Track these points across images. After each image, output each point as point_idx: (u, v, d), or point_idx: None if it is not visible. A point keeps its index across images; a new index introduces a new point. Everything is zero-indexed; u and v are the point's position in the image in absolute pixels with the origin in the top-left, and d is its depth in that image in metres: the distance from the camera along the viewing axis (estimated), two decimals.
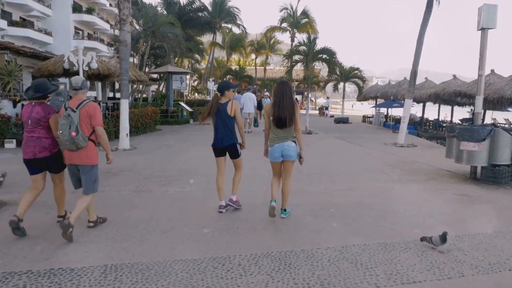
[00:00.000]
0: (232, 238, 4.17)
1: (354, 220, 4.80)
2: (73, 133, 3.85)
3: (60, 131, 3.89)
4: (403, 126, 12.92)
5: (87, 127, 4.02)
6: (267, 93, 19.15)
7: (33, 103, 4.22)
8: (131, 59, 27.95)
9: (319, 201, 5.64)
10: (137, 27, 20.37)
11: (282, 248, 3.89)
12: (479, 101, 7.42)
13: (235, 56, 55.59)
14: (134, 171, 7.73)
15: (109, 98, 22.46)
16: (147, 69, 23.55)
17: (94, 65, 12.62)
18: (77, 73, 12.63)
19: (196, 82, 60.30)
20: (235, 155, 5.08)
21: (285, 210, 4.88)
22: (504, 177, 6.82)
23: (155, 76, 30.38)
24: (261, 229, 4.45)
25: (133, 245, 3.92)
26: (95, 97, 18.84)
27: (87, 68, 12.46)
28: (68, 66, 12.69)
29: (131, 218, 4.76)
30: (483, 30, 7.15)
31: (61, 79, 15.51)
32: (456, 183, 6.96)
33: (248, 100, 15.55)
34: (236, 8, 38.35)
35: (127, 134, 10.90)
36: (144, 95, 33.46)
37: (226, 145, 5.00)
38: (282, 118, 4.58)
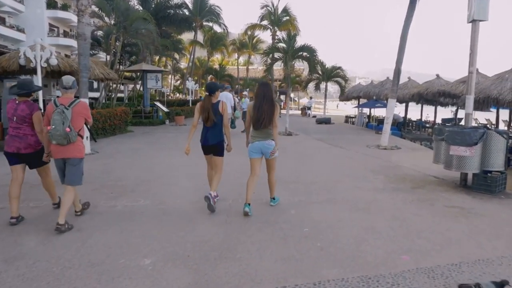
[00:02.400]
0: (177, 272, 3.31)
1: (331, 242, 4.01)
2: (67, 129, 4.10)
3: (53, 126, 4.09)
4: (387, 127, 12.28)
5: (78, 124, 4.28)
6: (245, 93, 18.28)
7: (16, 101, 4.44)
8: (103, 57, 26.70)
9: (292, 217, 4.84)
10: (108, 22, 19.23)
11: None
12: (470, 101, 6.76)
13: (218, 56, 54.72)
14: (85, 180, 6.75)
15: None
16: (121, 67, 22.39)
17: (54, 61, 11.55)
18: (34, 70, 11.57)
19: (178, 82, 59.14)
20: (219, 153, 5.16)
21: (273, 198, 5.19)
22: (498, 185, 6.16)
23: (133, 74, 29.22)
24: (217, 257, 3.61)
25: (46, 286, 3.03)
26: (58, 96, 17.62)
27: (45, 65, 11.39)
28: (25, 63, 11.59)
29: (57, 245, 3.85)
30: (474, 22, 6.48)
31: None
32: (446, 191, 6.26)
33: (225, 99, 14.67)
34: (218, 6, 37.49)
35: (87, 137, 9.89)
36: (121, 95, 32.24)
37: (213, 143, 5.09)
38: (260, 121, 4.77)
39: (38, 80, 11.22)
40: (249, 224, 4.53)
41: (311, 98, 36.44)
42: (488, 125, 29.21)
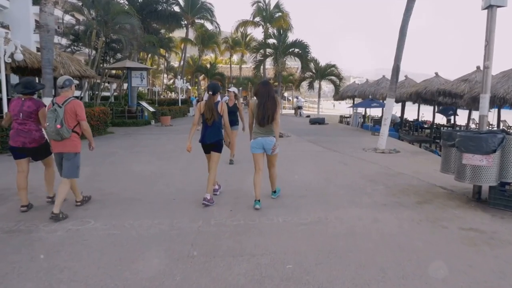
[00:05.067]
0: None
1: (321, 287, 3.04)
2: (58, 126, 4.38)
3: (47, 123, 4.43)
4: (384, 129, 11.34)
5: (72, 121, 4.53)
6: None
7: (22, 98, 4.76)
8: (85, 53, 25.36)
9: (273, 246, 3.85)
10: (89, 16, 18.10)
11: None
12: (485, 100, 5.82)
13: (212, 55, 53.82)
14: (35, 193, 5.75)
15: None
16: (105, 65, 21.29)
17: (19, 57, 10.52)
18: None
19: (171, 81, 58.20)
20: (218, 149, 5.34)
21: (274, 192, 5.47)
22: None
23: (121, 73, 28.05)
24: None
25: None
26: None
27: (9, 60, 10.36)
28: None
29: None
30: (491, 8, 5.54)
31: None
32: (458, 207, 5.31)
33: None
34: (210, 3, 36.51)
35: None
36: (107, 93, 31.05)
37: (212, 141, 5.26)
38: (265, 117, 4.99)
39: (1, 76, 10.18)
40: (218, 259, 3.54)
41: (297, 97, 35.08)
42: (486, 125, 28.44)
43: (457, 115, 20.01)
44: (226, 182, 6.45)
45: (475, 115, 20.53)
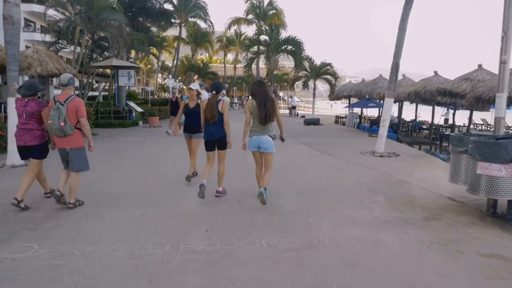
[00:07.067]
0: None
1: None
2: (62, 123, 4.60)
3: (50, 121, 4.64)
4: (383, 131, 10.61)
5: (74, 118, 4.72)
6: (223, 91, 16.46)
7: (26, 99, 5.00)
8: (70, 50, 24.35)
9: (251, 283, 3.08)
10: (72, 11, 17.25)
11: None
12: (502, 100, 5.09)
13: (206, 54, 53.18)
14: None
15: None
16: (91, 63, 20.43)
17: None
18: None
19: (166, 80, 57.45)
20: (223, 146, 5.49)
21: (265, 188, 5.13)
22: None
23: (109, 71, 27.11)
24: None
25: None
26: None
27: None
28: None
29: None
30: None
31: None
32: (472, 225, 4.57)
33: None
34: (203, 1, 35.79)
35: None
36: (97, 93, 30.11)
37: (216, 138, 5.40)
38: (267, 116, 5.07)
39: None
40: None
41: (291, 97, 34.17)
42: (484, 125, 27.91)
43: (458, 109, 19.45)
44: (206, 193, 5.67)
45: (476, 115, 20.04)
